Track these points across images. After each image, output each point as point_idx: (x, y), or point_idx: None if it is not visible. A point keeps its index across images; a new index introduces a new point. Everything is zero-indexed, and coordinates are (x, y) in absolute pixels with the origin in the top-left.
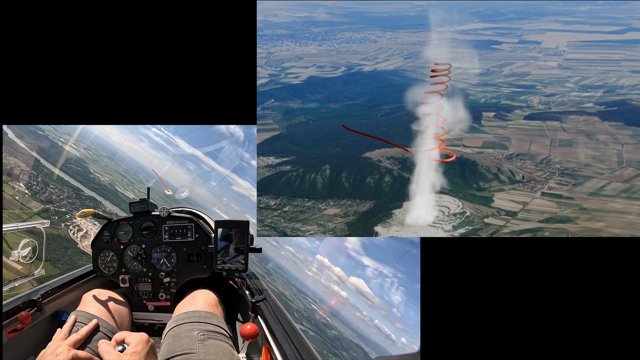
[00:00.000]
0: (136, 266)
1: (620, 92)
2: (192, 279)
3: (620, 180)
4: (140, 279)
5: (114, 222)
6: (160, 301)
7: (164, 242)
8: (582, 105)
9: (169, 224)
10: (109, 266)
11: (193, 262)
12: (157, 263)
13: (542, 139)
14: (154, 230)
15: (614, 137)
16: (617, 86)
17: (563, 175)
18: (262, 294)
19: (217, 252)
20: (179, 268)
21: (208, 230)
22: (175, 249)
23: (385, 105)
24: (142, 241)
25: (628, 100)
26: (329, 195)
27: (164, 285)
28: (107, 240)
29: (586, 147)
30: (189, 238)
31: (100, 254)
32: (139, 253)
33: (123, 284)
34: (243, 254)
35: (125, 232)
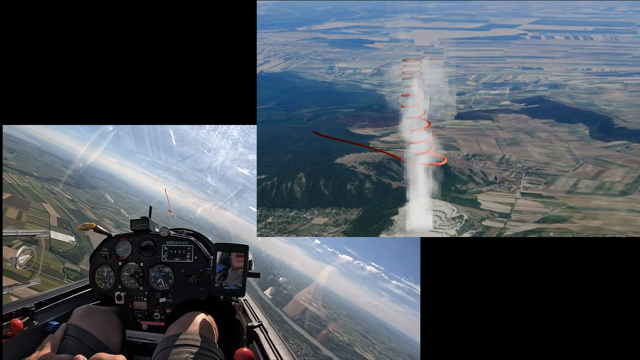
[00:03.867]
0: (133, 284)
1: (526, 89)
2: (188, 301)
3: (588, 177)
4: (136, 297)
5: (114, 238)
6: (154, 321)
7: (163, 261)
8: (501, 103)
9: (169, 244)
10: (105, 282)
11: (190, 284)
12: (154, 282)
13: (487, 139)
14: (154, 249)
15: (554, 135)
16: (520, 83)
17: (530, 174)
18: (259, 320)
19: (215, 275)
20: (175, 288)
21: (207, 253)
22: (174, 270)
23: (304, 109)
24: (141, 259)
25: (545, 97)
26: (311, 204)
27: (159, 304)
28: (106, 255)
29: (534, 145)
30: (188, 259)
31: (98, 268)
32: (137, 271)
33: (118, 301)
34: (241, 278)
35: (124, 248)
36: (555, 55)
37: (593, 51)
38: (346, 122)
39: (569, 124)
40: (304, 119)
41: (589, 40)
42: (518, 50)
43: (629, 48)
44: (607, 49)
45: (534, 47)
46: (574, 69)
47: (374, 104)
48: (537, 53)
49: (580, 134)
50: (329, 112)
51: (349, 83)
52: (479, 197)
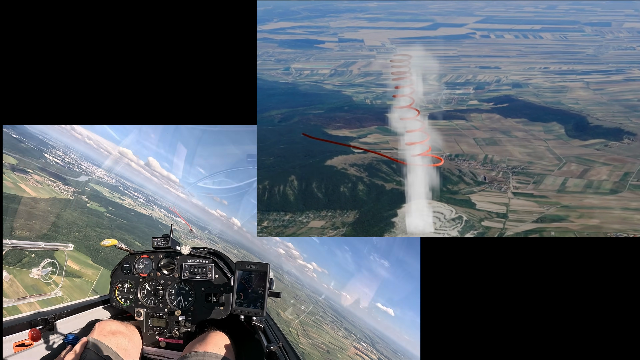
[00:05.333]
0: (152, 301)
1: (490, 89)
2: (208, 319)
3: (574, 176)
4: (155, 313)
5: (135, 255)
6: (173, 338)
7: (183, 279)
8: (469, 102)
9: (190, 262)
10: (125, 297)
11: (211, 303)
12: (174, 300)
13: (465, 139)
14: (174, 267)
15: (531, 134)
16: (482, 82)
17: (517, 174)
18: (279, 341)
19: (235, 294)
20: (196, 307)
21: (228, 271)
22: (194, 288)
23: (273, 111)
24: (161, 277)
25: (512, 96)
26: (305, 207)
27: (178, 322)
28: (127, 271)
29: (513, 144)
30: (209, 278)
31: (119, 284)
32: (157, 288)
33: (137, 317)
34: (262, 298)
35: (145, 265)
36: (510, 54)
37: (546, 50)
38: (320, 123)
39: (543, 123)
40: (275, 121)
41: (539, 39)
42: (471, 49)
43: (581, 46)
44: (559, 47)
45: (487, 46)
46: (531, 67)
47: (342, 105)
48: (490, 52)
49: (556, 132)
50: (299, 113)
51: (312, 84)
52: (472, 198)
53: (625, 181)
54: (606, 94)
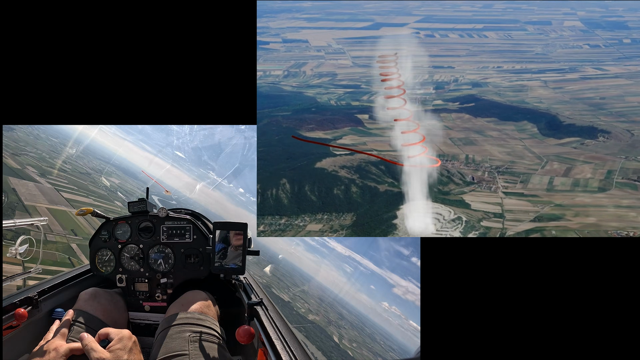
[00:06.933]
0: (133, 266)
1: (449, 89)
2: (189, 280)
3: (559, 175)
4: (137, 279)
5: (112, 221)
6: (156, 301)
7: (162, 242)
8: (434, 102)
9: (167, 225)
10: (106, 265)
11: (190, 263)
12: (155, 263)
13: (441, 139)
14: (152, 230)
15: (505, 133)
16: (440, 82)
17: (502, 173)
18: (259, 297)
19: (214, 254)
20: (176, 269)
21: (206, 232)
22: (173, 250)
23: None
24: (140, 241)
25: (476, 96)
26: (300, 211)
27: (160, 285)
28: (105, 239)
29: (490, 144)
30: (187, 239)
31: (98, 253)
32: (137, 253)
33: (120, 284)
34: (241, 256)
35: (123, 231)
36: (459, 53)
37: (494, 49)
38: (293, 126)
39: (514, 122)
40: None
41: (484, 38)
42: (420, 49)
43: (528, 45)
44: (507, 46)
45: (434, 46)
46: (485, 67)
47: (309, 106)
48: (439, 52)
49: (529, 131)
50: (266, 116)
51: (270, 86)
52: (465, 198)
53: (610, 179)
54: (566, 92)
